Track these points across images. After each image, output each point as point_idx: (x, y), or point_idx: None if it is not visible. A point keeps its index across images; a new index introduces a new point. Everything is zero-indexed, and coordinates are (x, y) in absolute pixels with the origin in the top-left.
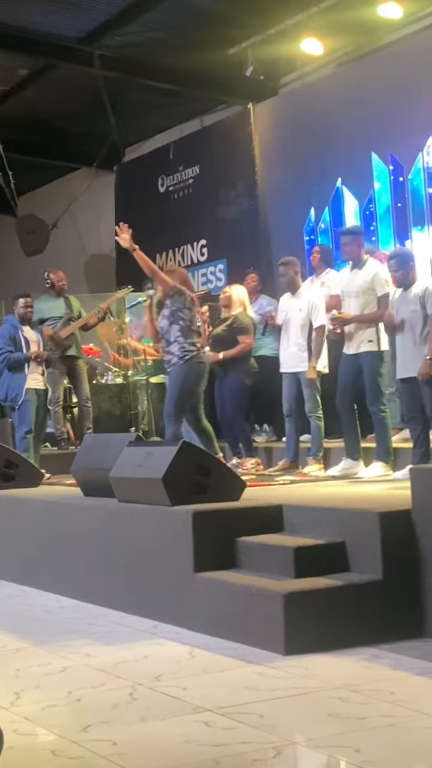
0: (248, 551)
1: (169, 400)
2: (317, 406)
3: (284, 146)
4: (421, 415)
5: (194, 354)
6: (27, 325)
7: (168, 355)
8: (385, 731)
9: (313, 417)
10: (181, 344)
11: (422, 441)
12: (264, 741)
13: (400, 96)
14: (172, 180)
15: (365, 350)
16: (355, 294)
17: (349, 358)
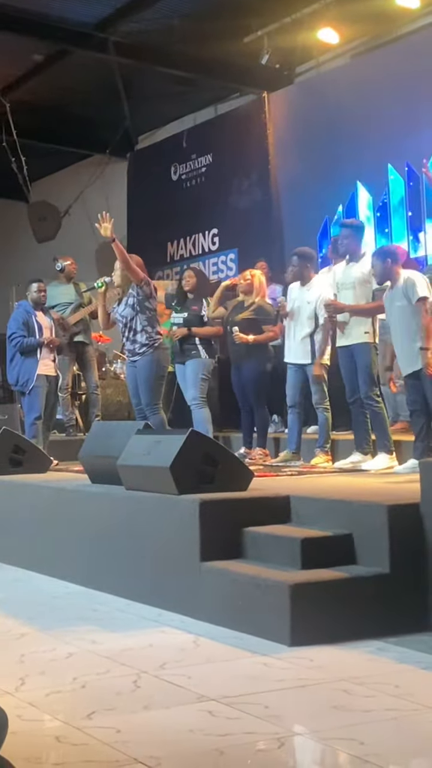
0: (255, 541)
1: (147, 389)
2: (324, 398)
3: (298, 136)
4: (424, 409)
5: (161, 341)
6: (40, 310)
7: (133, 344)
8: (390, 724)
9: (320, 409)
10: (149, 333)
11: (424, 434)
12: (268, 731)
13: (416, 87)
14: (184, 168)
15: (360, 341)
16: (350, 285)
17: (344, 350)
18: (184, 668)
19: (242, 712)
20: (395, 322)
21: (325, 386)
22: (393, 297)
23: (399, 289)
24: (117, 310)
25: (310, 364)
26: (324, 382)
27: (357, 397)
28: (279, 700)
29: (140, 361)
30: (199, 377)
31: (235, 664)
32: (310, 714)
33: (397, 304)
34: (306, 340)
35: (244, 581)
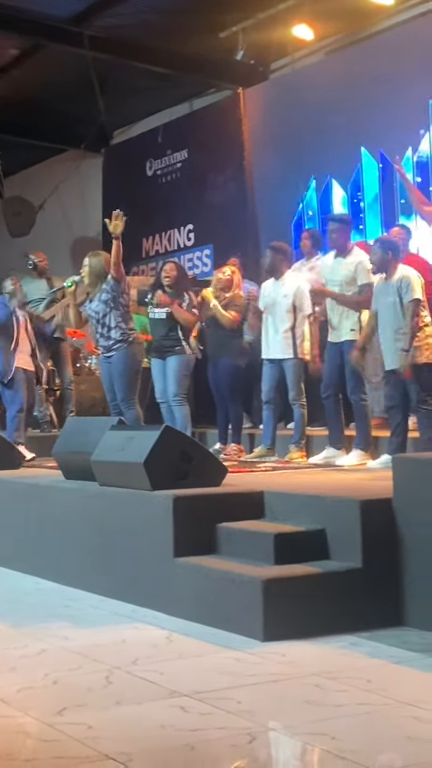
0: (229, 537)
1: (123, 384)
2: (301, 394)
3: (273, 132)
4: (402, 405)
5: (135, 336)
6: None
7: (107, 340)
8: (362, 719)
9: (296, 405)
10: (123, 329)
11: (400, 430)
12: (240, 727)
13: (390, 84)
14: (160, 164)
15: (347, 339)
16: (338, 283)
17: (333, 346)
18: (156, 664)
19: (214, 708)
20: (384, 315)
21: (302, 382)
22: (386, 290)
23: (393, 284)
24: (89, 306)
25: (288, 359)
26: (302, 378)
27: (331, 393)
28: (251, 695)
29: (115, 356)
30: (182, 374)
31: (207, 659)
32: (282, 709)
33: (389, 299)
34: (287, 334)
35: (218, 577)
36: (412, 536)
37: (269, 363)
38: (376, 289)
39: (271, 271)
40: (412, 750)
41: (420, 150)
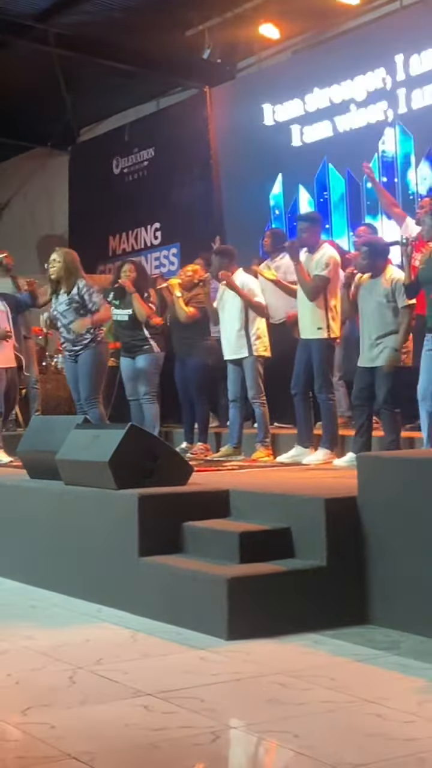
0: (194, 536)
1: (88, 383)
2: (260, 392)
3: (240, 131)
4: (367, 404)
5: (102, 335)
6: None
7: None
8: (325, 717)
9: (256, 403)
10: (90, 330)
11: (365, 429)
12: (203, 726)
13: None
14: (126, 162)
15: (314, 337)
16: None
17: (302, 343)
18: (120, 663)
19: (177, 707)
20: (368, 313)
21: (260, 380)
22: (374, 290)
23: (383, 285)
24: (55, 307)
25: (245, 358)
26: (260, 375)
27: (299, 390)
28: (214, 694)
29: (82, 356)
30: (152, 372)
31: (171, 658)
32: (245, 707)
33: (376, 299)
34: (241, 333)
35: (183, 576)
36: (376, 534)
37: (231, 363)
38: (363, 287)
39: (216, 275)
40: (374, 747)
41: (385, 150)
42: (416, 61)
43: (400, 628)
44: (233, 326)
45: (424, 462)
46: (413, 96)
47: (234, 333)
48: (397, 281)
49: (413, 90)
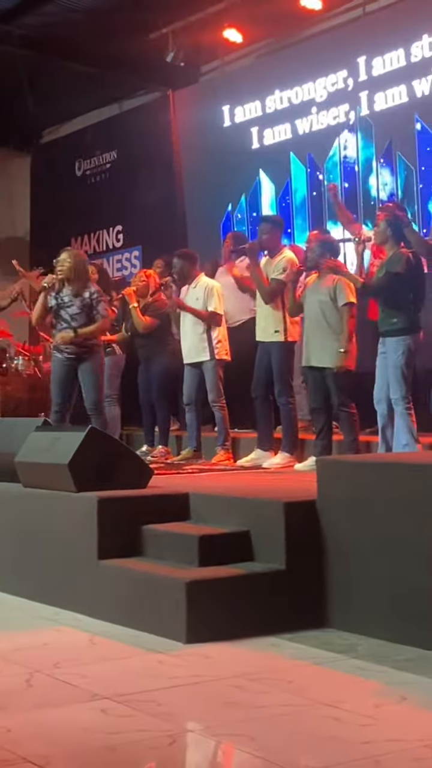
0: (154, 539)
1: (96, 388)
2: (220, 396)
3: (203, 134)
4: (325, 407)
5: (100, 344)
6: None
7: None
8: (282, 720)
9: (216, 407)
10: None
11: (325, 433)
12: (160, 729)
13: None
14: (89, 164)
15: (272, 340)
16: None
17: (261, 346)
18: (78, 667)
19: (135, 710)
20: (311, 314)
21: (220, 384)
22: (317, 290)
23: (326, 285)
24: (54, 304)
25: (205, 361)
26: (220, 379)
27: (260, 394)
28: (172, 697)
29: (90, 361)
30: (113, 374)
31: (129, 662)
32: (202, 711)
33: (319, 298)
34: (203, 336)
35: (141, 579)
36: (335, 538)
37: (190, 366)
38: (308, 288)
39: (181, 278)
40: (331, 750)
41: (347, 155)
42: (379, 63)
43: (357, 632)
44: (195, 330)
45: (382, 465)
46: (376, 98)
47: (196, 336)
48: (339, 280)
49: (376, 93)
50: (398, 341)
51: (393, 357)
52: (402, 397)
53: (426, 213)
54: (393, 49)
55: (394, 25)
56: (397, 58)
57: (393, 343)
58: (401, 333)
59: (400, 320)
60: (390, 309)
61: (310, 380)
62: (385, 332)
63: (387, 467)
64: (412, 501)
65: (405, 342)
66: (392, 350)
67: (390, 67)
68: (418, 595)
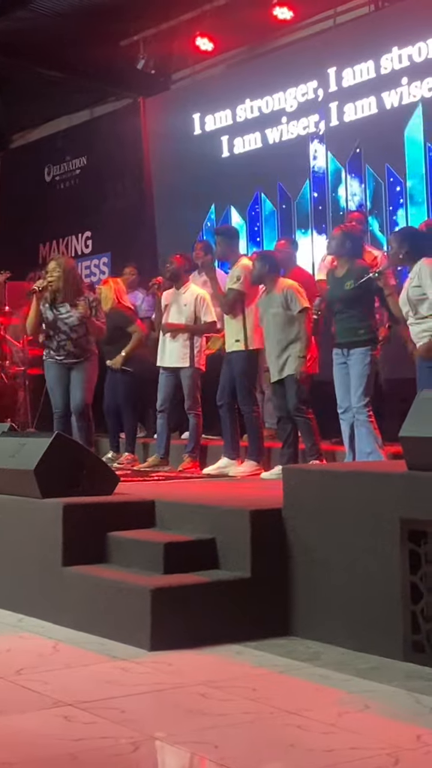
0: (119, 546)
1: (85, 392)
2: (197, 404)
3: (173, 141)
4: (290, 416)
5: (96, 352)
6: None
7: (76, 347)
8: (245, 728)
9: (192, 414)
10: (91, 345)
11: (291, 441)
12: (123, 736)
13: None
14: (58, 169)
15: (233, 350)
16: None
17: (226, 356)
18: (41, 674)
19: (98, 717)
20: (268, 328)
21: (198, 392)
22: (269, 303)
23: (276, 296)
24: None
25: (185, 368)
26: (198, 387)
27: (224, 402)
28: (135, 704)
29: (83, 365)
30: None
31: (93, 669)
32: (166, 718)
33: (272, 311)
34: (186, 343)
35: (106, 586)
36: (300, 546)
37: (166, 372)
38: (260, 302)
39: (173, 280)
40: (294, 758)
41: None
42: (349, 74)
43: (321, 640)
44: (179, 336)
45: (346, 474)
46: (345, 109)
47: (179, 342)
48: (288, 289)
49: (346, 103)
50: (365, 351)
51: (359, 367)
52: (364, 405)
53: (393, 224)
54: (363, 60)
55: (365, 37)
56: (367, 69)
57: (360, 354)
58: (367, 344)
59: (367, 331)
60: (358, 321)
61: (276, 391)
62: (350, 343)
63: (352, 476)
64: (377, 510)
65: (370, 352)
66: (358, 360)
67: (360, 79)
68: (382, 604)
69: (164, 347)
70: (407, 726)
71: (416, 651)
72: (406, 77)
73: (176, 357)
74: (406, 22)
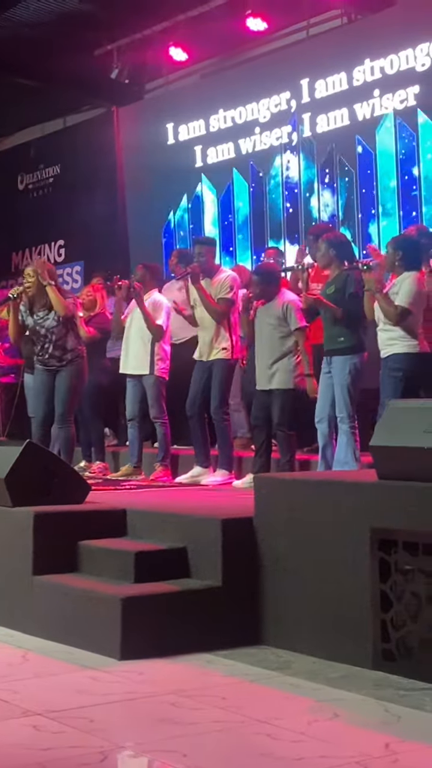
0: (90, 555)
1: (68, 399)
2: (162, 412)
3: (146, 151)
4: (266, 424)
5: (83, 354)
6: None
7: (62, 352)
8: (215, 737)
9: (158, 423)
10: (75, 344)
11: (264, 450)
12: (92, 745)
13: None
14: (31, 178)
15: (217, 357)
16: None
17: (201, 364)
18: (10, 683)
19: (67, 726)
20: (261, 337)
21: (162, 400)
22: (267, 313)
23: (276, 309)
24: (35, 320)
25: (146, 375)
26: (162, 395)
27: (195, 412)
28: (105, 713)
29: (67, 370)
30: None
31: (63, 678)
32: (135, 727)
33: (269, 322)
34: (146, 350)
35: (76, 595)
36: (271, 555)
37: (131, 380)
38: (259, 311)
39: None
40: (264, 766)
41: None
42: (322, 86)
43: (292, 649)
44: (141, 341)
45: (318, 483)
46: (318, 120)
47: (141, 348)
48: (288, 304)
49: (318, 115)
50: (345, 360)
51: (340, 376)
52: (348, 415)
53: (366, 235)
54: (335, 72)
55: (337, 49)
56: (340, 81)
57: (340, 362)
58: (348, 352)
59: (348, 339)
60: (340, 328)
61: (258, 400)
62: (332, 351)
63: (323, 485)
64: (347, 518)
65: (352, 361)
66: (339, 369)
67: (332, 90)
68: (352, 613)
69: (127, 353)
70: (376, 734)
71: (386, 659)
72: (378, 89)
73: (137, 362)
74: (379, 34)
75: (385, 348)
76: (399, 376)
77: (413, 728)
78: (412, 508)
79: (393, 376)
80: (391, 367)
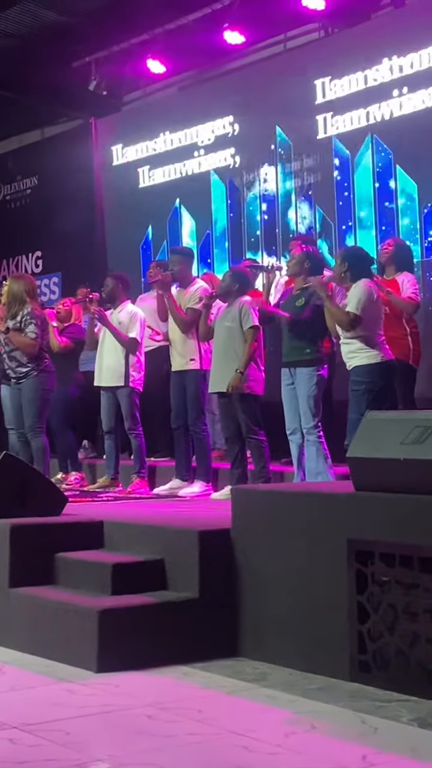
0: (67, 567)
1: (34, 411)
2: (137, 424)
3: (125, 162)
4: (239, 435)
5: (48, 363)
6: None
7: (19, 365)
8: (192, 749)
9: (133, 435)
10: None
11: (240, 461)
12: (68, 758)
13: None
14: (9, 189)
15: (187, 368)
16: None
17: (175, 376)
18: None
19: (43, 740)
20: (218, 340)
21: (137, 412)
22: (224, 316)
23: (232, 311)
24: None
25: (120, 388)
26: (136, 407)
27: (181, 424)
28: (81, 726)
29: (27, 382)
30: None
31: (39, 691)
32: (112, 740)
33: (225, 324)
34: (121, 362)
35: (53, 607)
36: (248, 567)
37: (105, 392)
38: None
39: (109, 299)
40: None
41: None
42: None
43: (268, 661)
44: (114, 354)
45: (295, 495)
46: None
47: (115, 360)
48: (245, 304)
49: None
50: (311, 371)
51: (306, 387)
52: (314, 426)
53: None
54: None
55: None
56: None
57: (306, 373)
58: (315, 363)
59: (313, 351)
60: (305, 340)
61: (222, 409)
62: (296, 362)
63: (299, 496)
64: (324, 530)
65: (318, 372)
66: (305, 380)
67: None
68: (329, 624)
69: (101, 365)
70: (353, 746)
71: (362, 671)
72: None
73: (111, 374)
74: (356, 48)
75: (348, 361)
76: (362, 389)
77: (390, 740)
78: (388, 520)
79: (355, 389)
80: (354, 380)
